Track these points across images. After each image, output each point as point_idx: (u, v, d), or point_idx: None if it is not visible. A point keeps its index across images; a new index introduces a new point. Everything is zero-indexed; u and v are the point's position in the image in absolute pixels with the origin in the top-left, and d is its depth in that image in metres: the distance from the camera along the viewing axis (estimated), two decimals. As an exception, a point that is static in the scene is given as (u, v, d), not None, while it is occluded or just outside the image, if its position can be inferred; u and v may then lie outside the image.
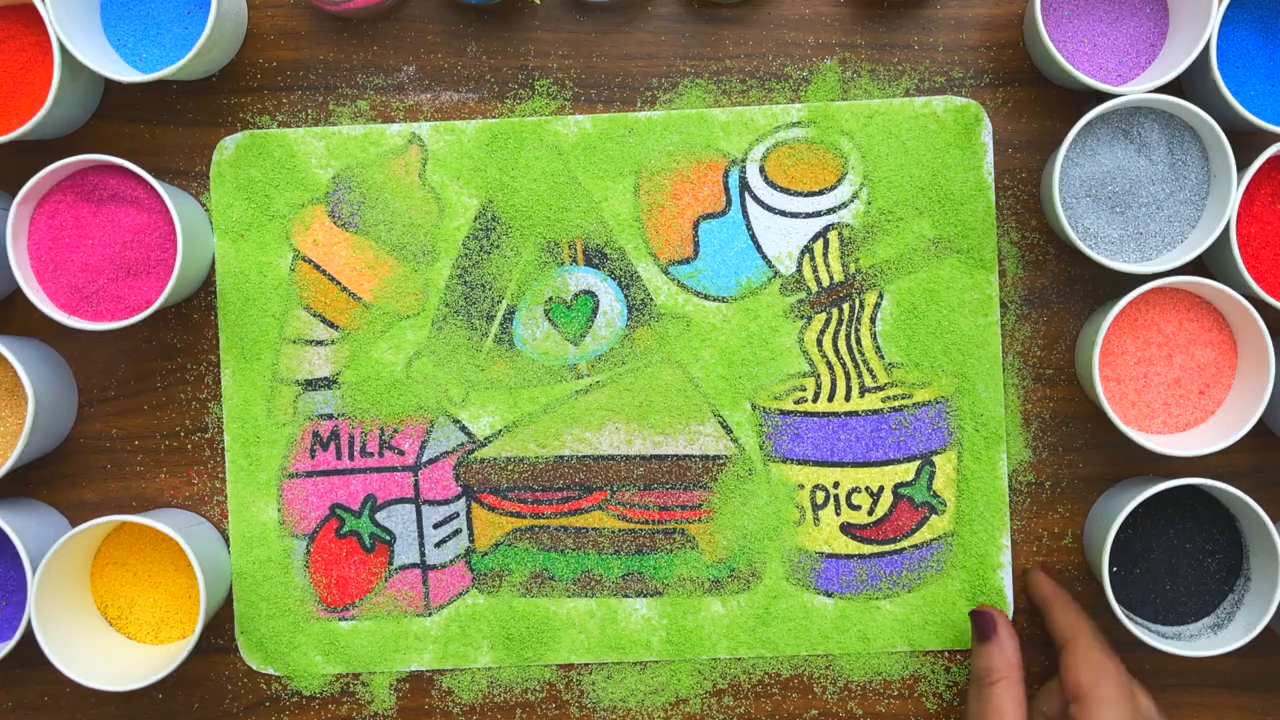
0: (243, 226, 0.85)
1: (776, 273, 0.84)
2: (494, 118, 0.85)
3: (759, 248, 0.84)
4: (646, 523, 0.84)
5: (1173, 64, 0.79)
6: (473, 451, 0.84)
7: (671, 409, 0.84)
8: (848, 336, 0.83)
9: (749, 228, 0.84)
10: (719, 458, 0.84)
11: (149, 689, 0.86)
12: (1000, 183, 0.85)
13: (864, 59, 0.86)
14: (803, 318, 0.84)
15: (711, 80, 0.86)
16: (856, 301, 0.83)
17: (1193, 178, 0.80)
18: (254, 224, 0.85)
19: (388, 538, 0.85)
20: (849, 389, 0.83)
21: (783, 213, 0.83)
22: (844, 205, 0.83)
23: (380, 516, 0.84)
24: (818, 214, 0.83)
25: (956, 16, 0.86)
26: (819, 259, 0.83)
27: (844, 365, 0.83)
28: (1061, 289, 0.85)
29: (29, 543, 0.80)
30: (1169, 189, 0.80)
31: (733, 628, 0.84)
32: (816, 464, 0.83)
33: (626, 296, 0.84)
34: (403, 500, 0.84)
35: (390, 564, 0.85)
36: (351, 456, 0.84)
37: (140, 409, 0.87)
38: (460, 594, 0.85)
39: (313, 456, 0.85)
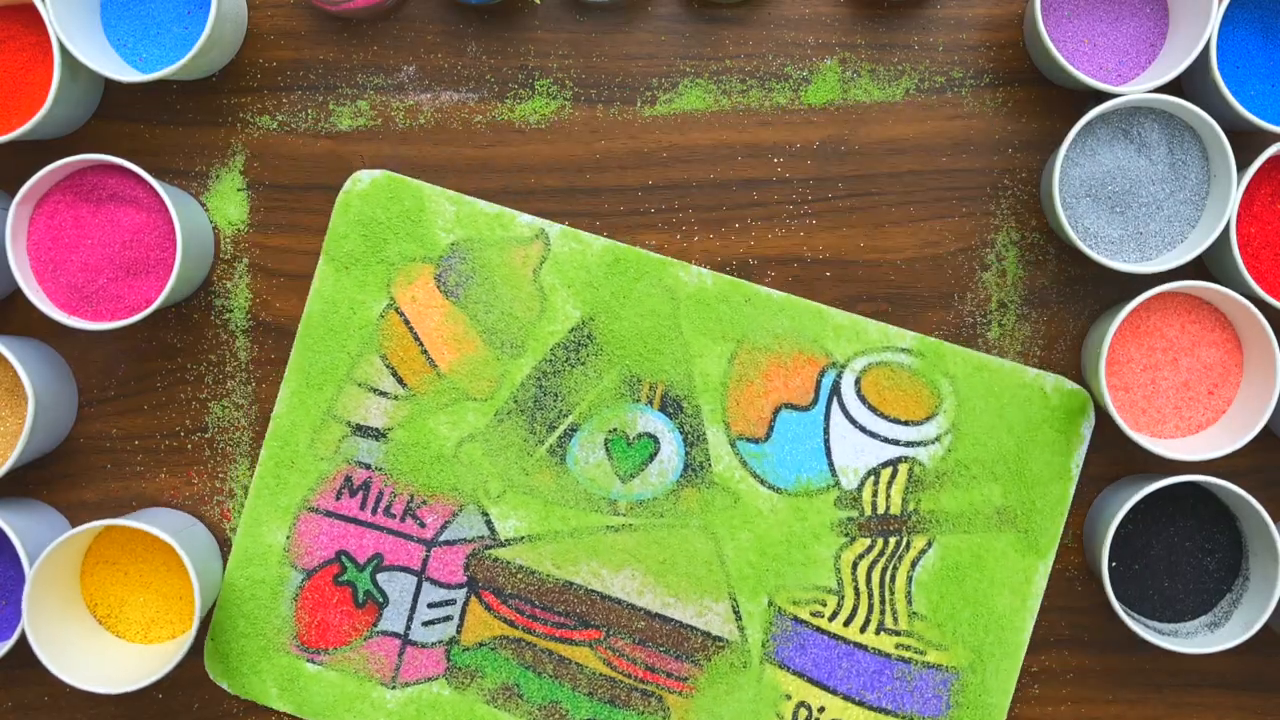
0: (350, 259, 0.85)
1: (837, 483, 0.84)
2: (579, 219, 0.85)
3: (829, 453, 0.84)
4: (629, 676, 0.83)
5: (1173, 64, 0.79)
6: (490, 548, 0.84)
7: (692, 576, 0.83)
8: (884, 570, 0.83)
9: (826, 431, 0.84)
10: (720, 639, 0.83)
11: (149, 688, 0.86)
12: (1000, 183, 0.86)
13: (864, 59, 0.86)
14: (847, 535, 0.83)
15: (711, 80, 0.86)
16: (905, 540, 0.83)
17: (1193, 178, 0.80)
18: (361, 261, 0.85)
19: (381, 599, 0.84)
20: (867, 621, 0.83)
21: (864, 429, 0.83)
22: (925, 443, 0.83)
23: (381, 578, 0.84)
24: (896, 442, 0.83)
25: (956, 16, 0.86)
26: (882, 485, 0.83)
27: (870, 596, 0.83)
28: (1061, 289, 0.85)
29: (28, 543, 0.80)
30: (1169, 189, 0.80)
31: None
32: (811, 681, 0.83)
33: (687, 454, 0.84)
34: (407, 570, 0.84)
35: (374, 625, 0.84)
36: (374, 511, 0.84)
37: (140, 409, 0.87)
38: (429, 678, 0.84)
39: (338, 498, 0.85)
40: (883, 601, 0.83)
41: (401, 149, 0.86)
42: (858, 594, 0.83)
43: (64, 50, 0.79)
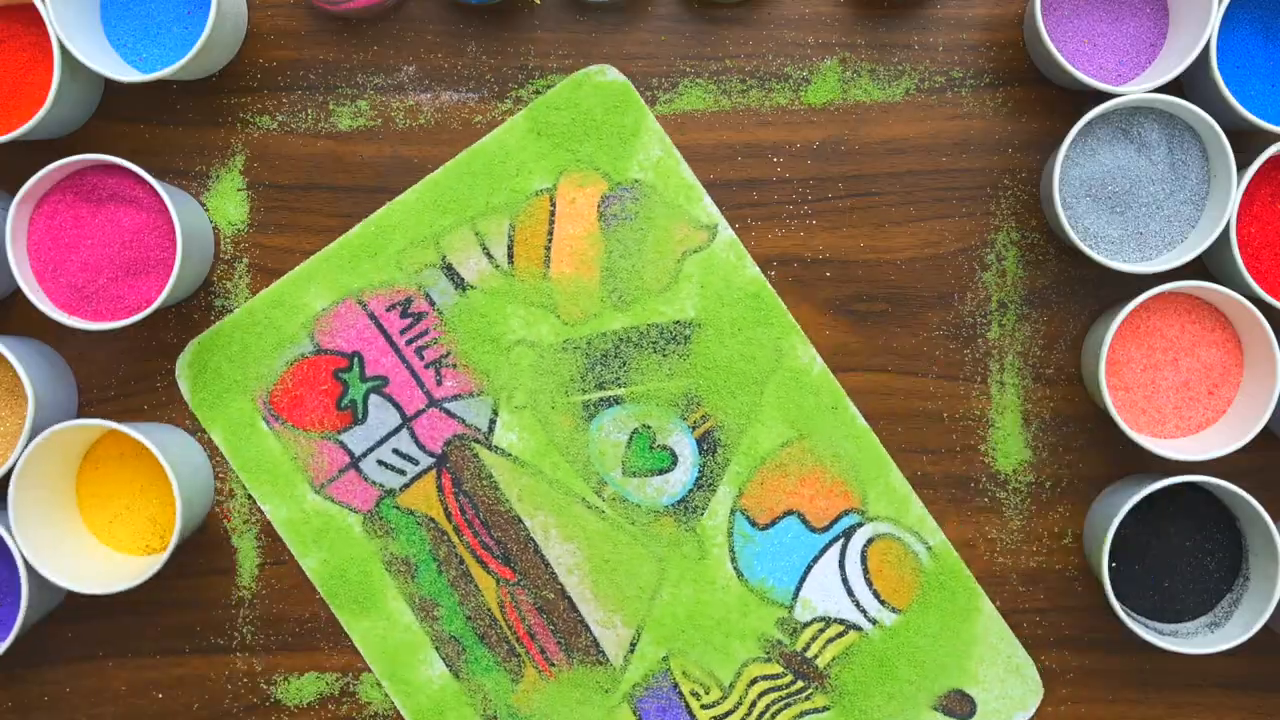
0: (547, 128, 0.84)
1: (791, 608, 0.84)
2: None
3: (803, 579, 0.84)
4: (510, 628, 0.84)
5: (1173, 64, 0.79)
6: (478, 442, 0.84)
7: (619, 590, 0.84)
8: (776, 701, 0.83)
9: (815, 560, 0.84)
10: (604, 656, 0.84)
11: (148, 689, 0.86)
12: (1000, 183, 0.86)
13: (864, 59, 0.86)
14: (766, 654, 0.84)
15: (711, 80, 0.86)
16: (809, 691, 0.84)
17: (1193, 178, 0.80)
18: (555, 136, 0.84)
19: (360, 416, 0.84)
20: None
21: (846, 583, 0.84)
22: (883, 625, 0.84)
23: (373, 399, 0.84)
24: (864, 612, 0.84)
25: (956, 16, 0.86)
26: (824, 636, 0.83)
27: (749, 714, 0.83)
28: (1061, 289, 0.85)
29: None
30: (1169, 189, 0.80)
31: None
32: None
33: (691, 491, 0.84)
34: (400, 408, 0.84)
35: (338, 432, 0.84)
36: (410, 343, 0.84)
37: (140, 409, 0.87)
38: (350, 508, 0.85)
39: (389, 310, 0.84)
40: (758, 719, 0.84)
41: (401, 149, 0.86)
42: (740, 705, 0.84)
43: (64, 50, 0.79)
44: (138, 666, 0.86)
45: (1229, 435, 0.79)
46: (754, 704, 0.83)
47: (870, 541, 0.84)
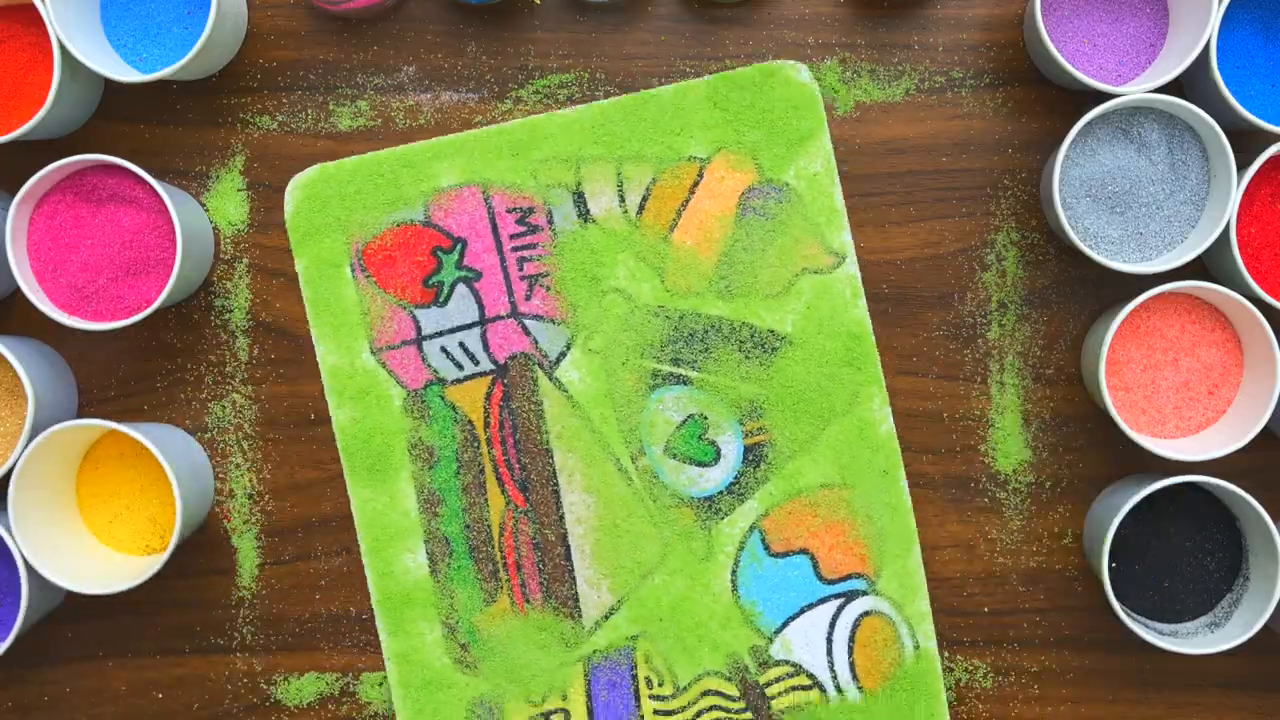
0: (725, 103, 0.84)
1: (769, 641, 0.83)
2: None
3: (789, 621, 0.83)
4: (501, 553, 0.84)
5: (1173, 64, 0.79)
6: (540, 366, 0.84)
7: (616, 559, 0.84)
8: None
9: (810, 606, 0.83)
10: (578, 613, 0.83)
11: (148, 689, 0.86)
12: (1000, 183, 0.86)
13: (864, 59, 0.86)
14: (728, 674, 0.83)
15: (711, 80, 0.86)
16: (765, 709, 0.83)
17: (1193, 178, 0.80)
18: (729, 112, 0.83)
19: (441, 299, 0.84)
20: None
21: (829, 646, 0.83)
22: (846, 697, 0.83)
23: (459, 289, 0.83)
24: (835, 676, 0.83)
25: (956, 16, 0.86)
26: (787, 683, 0.83)
27: (693, 718, 0.83)
28: (1061, 289, 0.85)
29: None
30: (1169, 189, 0.80)
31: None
32: (589, 712, 0.83)
33: (720, 494, 0.84)
34: (481, 306, 0.83)
35: (414, 304, 0.84)
36: (516, 250, 0.83)
37: (140, 409, 0.87)
38: (396, 379, 0.84)
39: (509, 211, 0.83)
40: None
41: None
42: (686, 709, 0.83)
43: (64, 50, 0.79)
44: (138, 666, 0.86)
45: (1229, 435, 0.79)
46: (699, 713, 0.83)
47: (867, 614, 0.83)
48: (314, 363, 0.86)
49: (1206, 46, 0.78)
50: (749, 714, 0.83)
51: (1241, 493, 0.78)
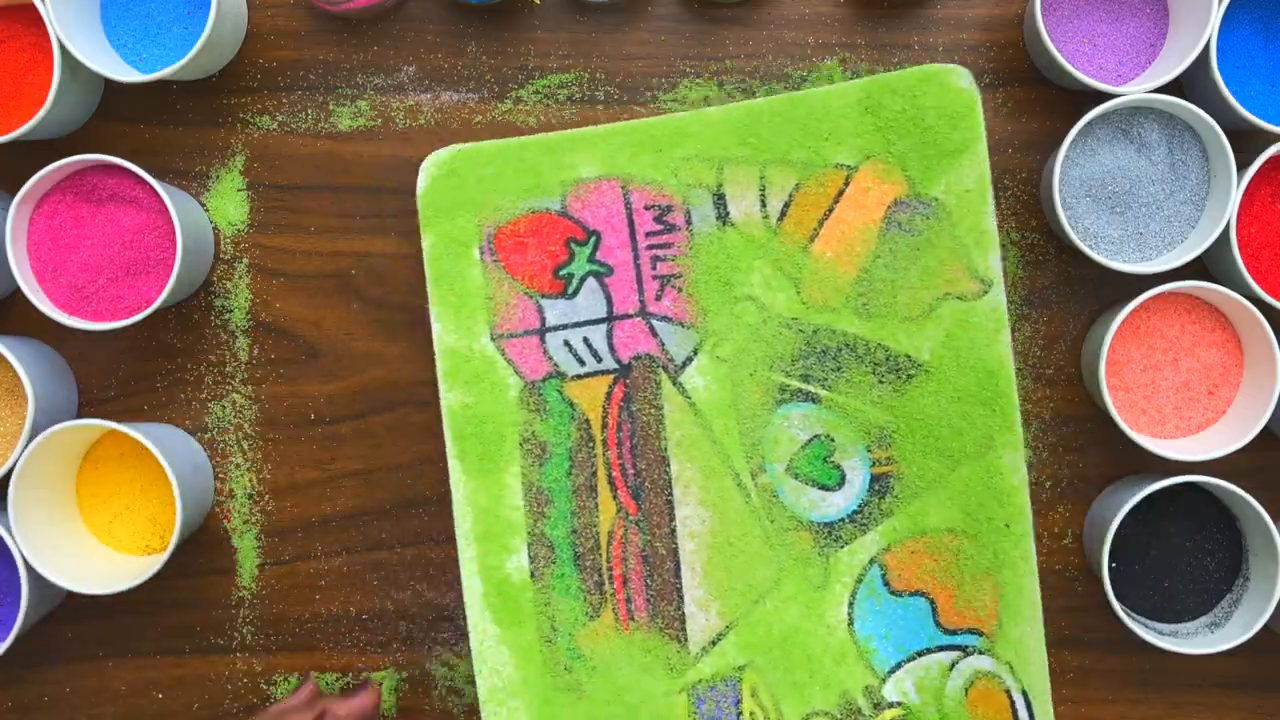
0: (878, 109, 0.79)
1: (881, 681, 0.79)
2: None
3: (909, 660, 0.79)
4: (608, 565, 0.79)
5: (1173, 64, 0.79)
6: (665, 369, 0.80)
7: (728, 580, 0.80)
8: None
9: (927, 650, 0.79)
10: (683, 637, 0.79)
11: (148, 689, 0.86)
12: (1000, 183, 0.85)
13: (864, 59, 0.86)
14: (839, 712, 0.79)
15: (711, 80, 0.86)
16: None
17: (1193, 178, 0.80)
18: (885, 118, 0.79)
19: (570, 290, 0.80)
20: None
21: (939, 700, 0.79)
22: None
23: (588, 282, 0.80)
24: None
25: (956, 16, 0.86)
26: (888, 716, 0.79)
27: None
28: (1061, 289, 0.85)
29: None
30: (1169, 189, 0.80)
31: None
32: None
33: (841, 522, 0.80)
34: (610, 303, 0.80)
35: (542, 293, 0.80)
36: (651, 248, 0.80)
37: (140, 409, 0.87)
38: (516, 368, 0.80)
39: (647, 209, 0.80)
40: None
41: (402, 149, 0.86)
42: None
43: (64, 50, 0.79)
44: (138, 666, 0.86)
45: (1229, 435, 0.79)
46: None
47: (981, 674, 0.79)
48: (314, 363, 0.86)
49: (1206, 46, 0.78)
50: None
51: (1241, 493, 0.78)
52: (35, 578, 0.81)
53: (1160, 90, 0.80)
